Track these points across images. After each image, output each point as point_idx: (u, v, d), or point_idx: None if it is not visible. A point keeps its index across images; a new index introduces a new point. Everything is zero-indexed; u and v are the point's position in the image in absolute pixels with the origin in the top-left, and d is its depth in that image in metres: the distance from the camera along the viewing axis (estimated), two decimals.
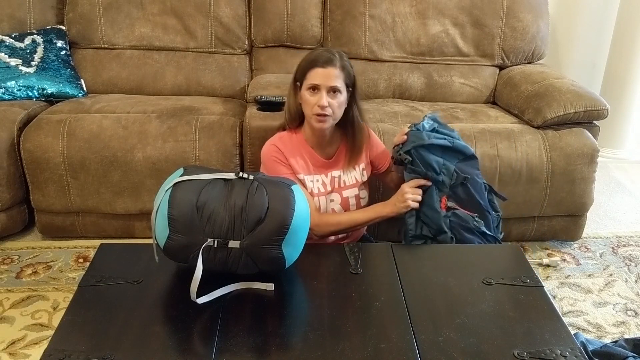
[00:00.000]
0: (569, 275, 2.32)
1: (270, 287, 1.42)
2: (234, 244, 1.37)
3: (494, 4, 2.77)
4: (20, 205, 2.41)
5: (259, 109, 2.38)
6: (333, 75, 1.74)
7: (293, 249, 1.44)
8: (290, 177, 1.80)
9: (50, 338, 1.24)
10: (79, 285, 1.42)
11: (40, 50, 2.61)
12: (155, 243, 1.44)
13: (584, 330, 1.99)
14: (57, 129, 2.29)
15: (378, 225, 2.34)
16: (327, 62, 1.73)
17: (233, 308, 1.35)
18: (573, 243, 2.55)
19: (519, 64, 2.86)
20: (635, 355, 1.64)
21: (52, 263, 2.29)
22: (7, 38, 2.60)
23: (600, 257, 2.46)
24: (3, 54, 2.55)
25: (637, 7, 3.10)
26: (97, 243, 1.74)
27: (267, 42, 2.81)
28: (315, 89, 1.74)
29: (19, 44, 2.60)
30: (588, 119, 2.41)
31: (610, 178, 3.21)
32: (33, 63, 2.57)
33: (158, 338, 1.25)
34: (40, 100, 2.57)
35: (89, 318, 1.31)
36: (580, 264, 2.40)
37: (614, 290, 2.23)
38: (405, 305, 1.37)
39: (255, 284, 1.42)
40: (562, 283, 2.26)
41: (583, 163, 2.33)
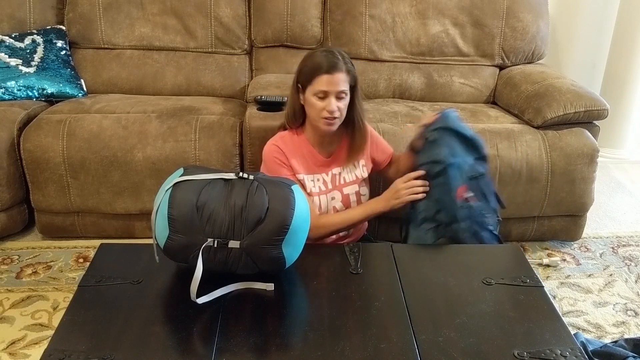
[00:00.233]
0: (569, 275, 2.32)
1: (270, 287, 1.42)
2: (234, 244, 1.37)
3: (494, 4, 2.77)
4: (20, 205, 2.41)
5: (259, 109, 2.38)
6: (340, 80, 1.74)
7: (293, 249, 1.44)
8: (291, 178, 1.80)
9: (50, 338, 1.24)
10: (79, 285, 1.42)
11: (40, 50, 2.61)
12: (155, 243, 1.44)
13: (584, 330, 1.99)
14: (57, 129, 2.29)
15: (378, 225, 2.34)
16: (333, 67, 1.73)
17: (233, 308, 1.35)
18: (573, 243, 2.55)
19: (519, 64, 2.86)
20: (635, 355, 1.64)
21: (52, 263, 2.29)
22: (7, 38, 2.60)
23: (600, 257, 2.46)
24: (3, 54, 2.55)
25: (637, 7, 3.10)
26: (97, 243, 1.74)
27: (267, 42, 2.82)
28: (323, 95, 1.75)
29: (19, 44, 2.60)
30: (588, 119, 2.41)
31: (610, 178, 3.21)
32: (33, 63, 2.57)
33: (158, 338, 1.25)
34: (40, 100, 2.57)
35: (89, 318, 1.31)
36: (580, 264, 2.40)
37: (614, 290, 2.23)
38: (405, 305, 1.37)
39: (255, 284, 1.42)
40: (562, 283, 2.26)
41: (583, 163, 2.33)
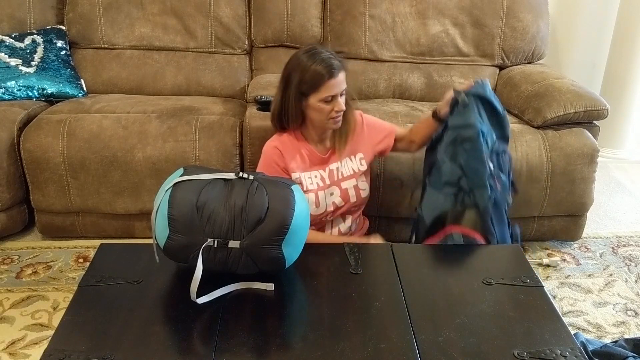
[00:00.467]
0: (569, 275, 2.32)
1: (270, 287, 1.42)
2: (234, 244, 1.37)
3: (494, 4, 2.77)
4: (20, 205, 2.41)
5: (259, 109, 2.38)
6: (343, 80, 1.77)
7: (293, 249, 1.44)
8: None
9: (50, 338, 1.24)
10: (79, 285, 1.42)
11: (40, 50, 2.61)
12: (155, 243, 1.44)
13: (584, 330, 1.99)
14: (57, 129, 2.29)
15: (378, 225, 2.34)
16: (333, 70, 1.74)
17: (233, 308, 1.35)
18: (573, 243, 2.55)
19: (519, 64, 2.86)
20: (635, 355, 1.64)
21: (52, 263, 2.29)
22: (7, 38, 2.60)
23: (600, 257, 2.46)
24: (3, 54, 2.55)
25: (637, 7, 3.10)
26: (97, 243, 1.74)
27: (267, 42, 2.81)
28: (331, 98, 1.76)
29: (19, 44, 2.60)
30: (588, 119, 2.41)
31: (610, 178, 3.21)
32: (33, 63, 2.57)
33: (158, 338, 1.25)
34: (40, 100, 2.57)
35: (89, 318, 1.31)
36: (580, 264, 2.40)
37: (614, 290, 2.23)
38: (405, 305, 1.37)
39: (255, 284, 1.42)
40: (562, 283, 2.26)
41: (583, 163, 2.33)
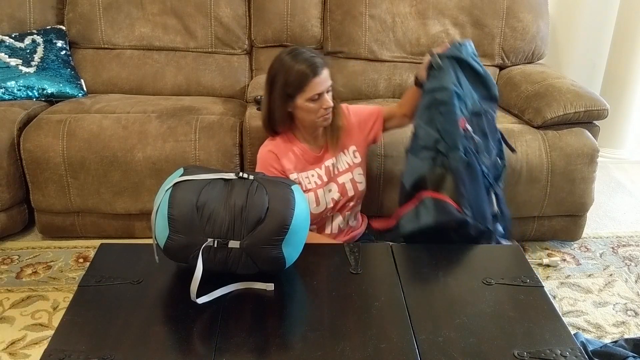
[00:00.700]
0: (569, 275, 2.32)
1: (270, 287, 1.42)
2: (234, 244, 1.37)
3: (494, 4, 2.77)
4: (20, 205, 2.41)
5: (259, 109, 2.37)
6: (327, 77, 1.78)
7: (293, 249, 1.44)
8: None
9: (50, 338, 1.25)
10: (79, 285, 1.42)
11: (40, 50, 2.61)
12: (155, 243, 1.44)
13: (584, 330, 1.99)
14: (57, 129, 2.29)
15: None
16: (317, 68, 1.75)
17: (233, 308, 1.35)
18: (573, 243, 2.55)
19: (519, 64, 2.85)
20: (635, 355, 1.64)
21: (52, 263, 2.29)
22: (7, 38, 2.60)
23: (600, 257, 2.46)
24: (3, 54, 2.55)
25: (637, 7, 3.10)
26: (97, 243, 1.74)
27: (267, 42, 2.81)
28: (318, 97, 1.77)
29: (19, 44, 2.60)
30: (588, 119, 2.41)
31: (610, 178, 3.21)
32: (33, 63, 2.57)
33: (158, 338, 1.25)
34: (40, 100, 2.57)
35: (89, 318, 1.31)
36: (580, 264, 2.40)
37: (614, 290, 2.23)
38: (405, 305, 1.37)
39: (255, 284, 1.42)
40: (562, 283, 2.26)
41: (583, 163, 2.33)
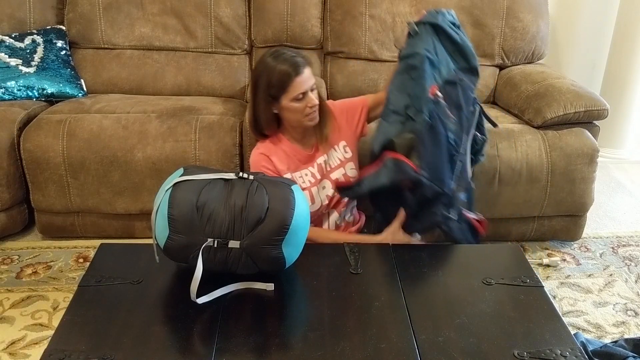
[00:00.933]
0: (569, 275, 2.32)
1: (270, 287, 1.42)
2: (234, 244, 1.37)
3: (494, 4, 2.77)
4: (20, 205, 2.41)
5: None
6: (309, 75, 1.78)
7: (293, 249, 1.44)
8: None
9: (50, 338, 1.25)
10: (79, 285, 1.42)
11: (40, 50, 2.61)
12: (155, 243, 1.44)
13: (584, 330, 1.99)
14: (57, 129, 2.29)
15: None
16: (298, 67, 1.75)
17: (233, 308, 1.35)
18: (573, 243, 2.55)
19: (519, 64, 2.85)
20: (635, 355, 1.64)
21: (52, 263, 2.29)
22: (7, 38, 2.60)
23: (600, 257, 2.46)
24: (3, 54, 2.55)
25: (637, 7, 3.10)
26: (97, 243, 1.74)
27: (267, 42, 2.81)
28: (302, 96, 1.77)
29: (19, 44, 2.60)
30: (588, 119, 2.41)
31: (610, 178, 3.21)
32: (33, 63, 2.57)
33: (158, 338, 1.25)
34: (40, 100, 2.57)
35: (89, 318, 1.31)
36: (580, 264, 2.40)
37: (614, 290, 2.23)
38: (405, 305, 1.37)
39: (255, 284, 1.42)
40: (562, 283, 2.26)
41: (583, 163, 2.33)
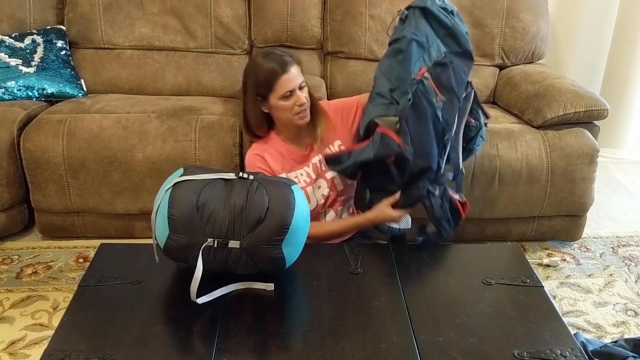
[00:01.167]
0: (569, 275, 2.32)
1: (270, 287, 1.42)
2: (234, 244, 1.37)
3: (494, 4, 2.77)
4: (20, 205, 2.41)
5: None
6: (297, 73, 1.77)
7: (293, 249, 1.44)
8: None
9: (50, 338, 1.25)
10: (79, 285, 1.42)
11: (40, 50, 2.61)
12: (155, 243, 1.44)
13: (584, 330, 1.99)
14: (57, 129, 2.29)
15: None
16: (285, 65, 1.75)
17: (233, 308, 1.35)
18: (573, 243, 2.55)
19: (519, 64, 2.85)
20: (635, 355, 1.64)
21: (52, 263, 2.29)
22: (7, 38, 2.60)
23: (600, 257, 2.46)
24: (3, 54, 2.55)
25: (637, 7, 3.10)
26: (97, 243, 1.74)
27: (267, 42, 2.81)
28: (289, 94, 1.77)
29: (19, 44, 2.60)
30: (588, 119, 2.41)
31: (610, 178, 3.21)
32: (33, 63, 2.57)
33: (158, 338, 1.25)
34: (40, 100, 2.57)
35: (89, 318, 1.31)
36: (580, 264, 2.40)
37: (614, 290, 2.23)
38: (405, 305, 1.37)
39: (255, 284, 1.42)
40: (562, 283, 2.26)
41: (583, 163, 2.33)
